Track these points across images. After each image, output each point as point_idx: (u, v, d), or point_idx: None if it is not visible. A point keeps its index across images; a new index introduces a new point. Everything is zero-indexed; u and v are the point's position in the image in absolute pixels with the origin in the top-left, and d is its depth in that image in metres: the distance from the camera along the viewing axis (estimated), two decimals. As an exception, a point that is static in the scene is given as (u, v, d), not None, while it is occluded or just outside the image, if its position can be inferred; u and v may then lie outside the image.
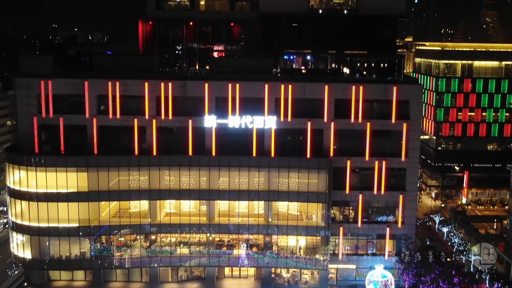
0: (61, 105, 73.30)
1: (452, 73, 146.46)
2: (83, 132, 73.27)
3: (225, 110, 72.92)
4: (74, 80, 73.10)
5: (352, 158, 74.09)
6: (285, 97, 72.84)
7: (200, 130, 73.52)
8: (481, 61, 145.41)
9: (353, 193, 74.89)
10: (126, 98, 73.38)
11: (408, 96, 73.66)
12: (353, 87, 72.88)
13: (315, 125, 73.30)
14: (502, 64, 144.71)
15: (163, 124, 73.66)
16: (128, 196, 74.13)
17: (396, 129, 73.87)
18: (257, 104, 73.05)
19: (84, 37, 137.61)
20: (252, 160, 73.34)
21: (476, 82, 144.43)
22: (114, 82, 72.61)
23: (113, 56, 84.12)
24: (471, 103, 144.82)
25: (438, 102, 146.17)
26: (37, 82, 72.53)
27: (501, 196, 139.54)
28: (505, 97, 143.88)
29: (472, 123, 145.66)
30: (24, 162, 72.31)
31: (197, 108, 73.21)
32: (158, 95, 72.96)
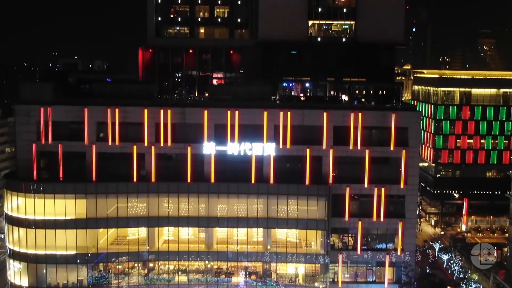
0: (61, 132, 73.38)
1: (450, 101, 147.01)
2: (82, 159, 73.23)
3: (224, 137, 73.02)
4: (73, 107, 73.28)
5: (351, 185, 73.97)
6: (284, 124, 73.01)
7: (199, 157, 73.52)
8: (479, 88, 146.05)
9: (352, 220, 74.57)
10: (126, 125, 73.50)
11: (407, 123, 73.82)
12: (352, 114, 73.08)
13: (314, 152, 73.32)
14: (500, 91, 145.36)
15: (162, 151, 73.69)
16: (126, 223, 73.83)
17: (395, 156, 73.88)
18: (256, 131, 73.16)
19: (84, 64, 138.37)
20: (251, 187, 73.22)
21: (474, 110, 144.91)
22: (114, 109, 72.80)
23: (113, 83, 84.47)
24: (470, 131, 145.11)
25: (437, 129, 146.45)
26: (36, 109, 72.71)
27: (500, 224, 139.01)
28: (504, 124, 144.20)
29: (471, 150, 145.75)
30: (23, 189, 72.16)
31: (196, 135, 73.31)
32: (157, 122, 73.11)
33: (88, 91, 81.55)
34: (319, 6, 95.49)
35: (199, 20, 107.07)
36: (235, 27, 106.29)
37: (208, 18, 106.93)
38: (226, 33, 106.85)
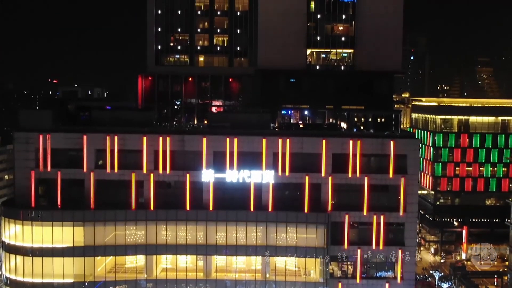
0: (59, 159, 73.33)
1: (449, 128, 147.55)
2: (81, 186, 73.08)
3: (223, 164, 73.00)
4: (72, 134, 73.37)
5: (350, 212, 73.71)
6: (283, 151, 73.07)
7: (197, 184, 73.41)
8: (478, 116, 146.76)
9: (352, 248, 74.15)
10: (124, 152, 73.51)
11: (406, 151, 73.88)
12: (351, 142, 73.19)
13: (313, 179, 73.24)
14: (498, 119, 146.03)
15: (160, 178, 73.61)
16: (124, 251, 73.38)
17: (393, 183, 73.77)
18: (255, 159, 73.16)
19: (84, 92, 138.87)
20: (250, 214, 72.97)
21: (473, 137, 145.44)
22: (113, 137, 72.91)
23: (112, 111, 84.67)
24: (469, 158, 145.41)
25: (436, 157, 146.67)
26: (36, 136, 72.78)
27: (501, 252, 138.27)
28: (502, 152, 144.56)
29: (470, 178, 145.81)
30: (20, 217, 71.85)
31: (195, 162, 73.31)
32: (156, 149, 73.16)
33: (88, 118, 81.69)
34: (318, 35, 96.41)
35: (199, 48, 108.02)
36: (234, 55, 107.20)
37: (207, 47, 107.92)
38: (225, 61, 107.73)
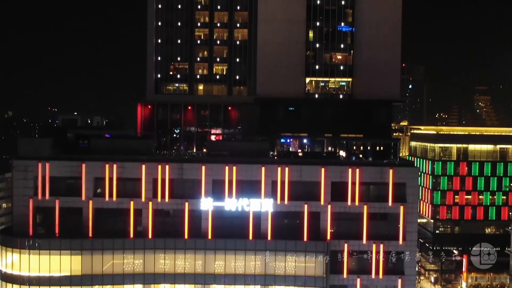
0: (58, 188, 73.12)
1: (447, 157, 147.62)
2: (79, 215, 72.73)
3: (222, 192, 72.79)
4: (71, 162, 73.26)
5: (349, 241, 73.23)
6: (282, 179, 72.93)
7: (196, 213, 73.09)
8: (476, 144, 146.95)
9: (351, 277, 73.46)
10: (123, 181, 73.34)
11: (405, 179, 73.75)
12: (350, 170, 73.11)
13: (312, 208, 72.97)
14: (497, 147, 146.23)
15: (159, 207, 73.31)
16: (122, 280, 72.64)
17: (393, 212, 73.48)
18: (254, 187, 72.97)
19: (84, 120, 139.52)
20: (249, 243, 72.49)
21: (471, 166, 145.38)
22: (111, 165, 72.82)
23: (111, 139, 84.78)
24: (468, 186, 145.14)
25: (435, 185, 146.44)
26: (34, 164, 72.67)
27: (501, 281, 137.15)
28: (501, 180, 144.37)
29: (469, 206, 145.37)
30: (17, 245, 71.30)
31: (193, 190, 73.10)
32: (155, 178, 73.01)
33: (87, 146, 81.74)
34: (316, 64, 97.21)
35: (198, 77, 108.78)
36: (234, 84, 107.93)
37: (207, 75, 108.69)
38: (224, 90, 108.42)
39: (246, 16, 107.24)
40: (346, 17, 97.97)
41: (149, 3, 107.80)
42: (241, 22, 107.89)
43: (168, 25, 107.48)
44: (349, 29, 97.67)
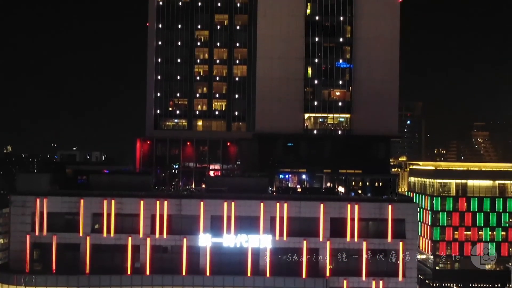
0: (55, 223, 72.83)
1: (446, 192, 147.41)
2: (76, 251, 72.27)
3: (220, 228, 72.48)
4: (69, 198, 73.17)
5: (348, 278, 72.62)
6: (281, 215, 72.73)
7: (194, 249, 72.65)
8: (475, 180, 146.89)
9: (351, 315, 72.73)
10: (121, 216, 73.11)
11: (404, 215, 73.59)
12: (349, 206, 72.99)
13: (311, 244, 72.59)
14: (496, 183, 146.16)
15: (157, 243, 72.90)
16: (119, 317, 71.80)
17: (392, 248, 73.09)
18: (253, 223, 72.71)
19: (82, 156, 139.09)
20: (247, 280, 71.84)
21: (470, 201, 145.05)
22: (110, 200, 72.70)
23: (110, 175, 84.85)
24: (467, 222, 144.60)
25: (434, 221, 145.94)
26: (32, 200, 72.54)
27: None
28: (501, 216, 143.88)
29: (469, 242, 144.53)
30: (14, 282, 70.64)
31: (192, 226, 72.81)
32: (153, 214, 72.78)
33: (85, 182, 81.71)
34: (315, 100, 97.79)
35: (197, 113, 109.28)
36: (233, 120, 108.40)
37: (206, 111, 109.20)
38: (223, 126, 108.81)
39: (245, 53, 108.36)
40: (344, 54, 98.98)
41: (149, 39, 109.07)
42: (240, 59, 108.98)
43: (168, 62, 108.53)
44: (347, 66, 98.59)
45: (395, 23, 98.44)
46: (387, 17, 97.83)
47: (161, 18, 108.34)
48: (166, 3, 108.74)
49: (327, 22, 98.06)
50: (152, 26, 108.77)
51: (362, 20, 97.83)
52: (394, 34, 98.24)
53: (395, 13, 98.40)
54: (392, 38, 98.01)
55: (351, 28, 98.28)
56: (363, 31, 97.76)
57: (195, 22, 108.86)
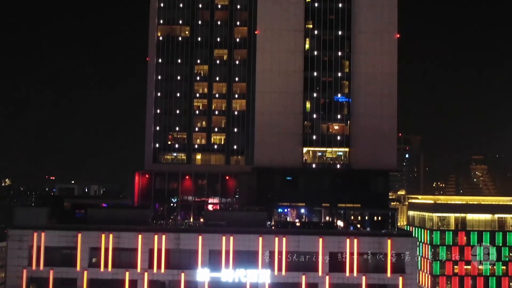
0: (53, 257, 72.52)
1: (446, 226, 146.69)
2: (73, 286, 71.83)
3: (219, 263, 72.09)
4: (67, 232, 72.96)
5: (348, 313, 72.05)
6: (279, 250, 72.43)
7: (192, 284, 72.22)
8: (474, 214, 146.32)
9: None
10: (119, 251, 72.80)
11: (403, 249, 73.32)
12: (348, 240, 72.72)
13: (310, 278, 72.13)
14: (495, 217, 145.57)
15: (155, 277, 72.40)
16: None
17: (392, 283, 72.66)
18: (251, 257, 72.36)
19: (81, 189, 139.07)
20: (246, 315, 71.19)
21: (470, 235, 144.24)
22: (108, 235, 72.46)
23: (108, 209, 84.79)
24: (467, 256, 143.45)
25: (434, 255, 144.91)
26: (29, 234, 72.28)
27: None
28: (501, 250, 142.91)
29: (469, 276, 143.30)
30: (9, 317, 69.99)
31: (190, 261, 72.46)
32: (151, 248, 72.46)
33: (83, 216, 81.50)
34: (314, 134, 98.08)
35: (196, 146, 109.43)
36: (231, 154, 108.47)
37: (205, 145, 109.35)
38: (222, 159, 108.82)
39: (244, 87, 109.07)
40: (342, 88, 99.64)
41: (149, 74, 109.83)
42: (239, 93, 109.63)
43: (168, 96, 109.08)
44: (345, 100, 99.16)
45: (393, 58, 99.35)
46: (385, 52, 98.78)
47: (161, 53, 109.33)
48: (166, 38, 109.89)
49: (326, 57, 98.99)
50: (152, 60, 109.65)
51: (360, 55, 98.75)
52: (392, 68, 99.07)
53: (393, 48, 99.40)
54: (390, 73, 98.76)
55: (349, 63, 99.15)
56: (361, 65, 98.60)
57: (194, 57, 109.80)
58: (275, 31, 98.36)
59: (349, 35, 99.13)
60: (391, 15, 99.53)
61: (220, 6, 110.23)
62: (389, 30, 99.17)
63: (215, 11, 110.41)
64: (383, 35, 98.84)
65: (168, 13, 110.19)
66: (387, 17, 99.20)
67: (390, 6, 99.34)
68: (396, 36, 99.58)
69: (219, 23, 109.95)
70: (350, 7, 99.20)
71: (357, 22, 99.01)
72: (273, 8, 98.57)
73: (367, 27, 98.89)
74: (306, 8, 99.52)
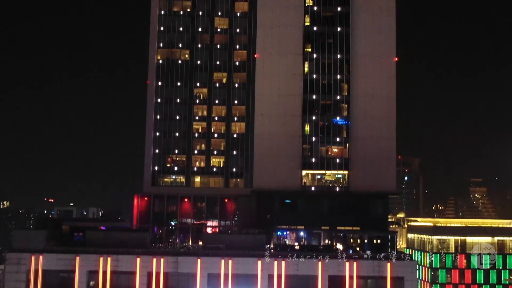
0: (50, 281, 72.17)
1: (445, 249, 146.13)
2: (71, 310, 71.24)
3: (218, 287, 71.67)
4: (65, 255, 72.65)
5: (347, 338, 71.49)
6: (279, 273, 72.07)
7: (191, 308, 71.65)
8: (474, 237, 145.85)
9: None
10: (117, 274, 72.43)
11: (403, 273, 72.98)
12: (347, 264, 72.43)
13: (309, 302, 71.65)
14: (495, 240, 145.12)
15: (153, 301, 71.88)
16: None
17: (392, 307, 72.16)
18: (250, 281, 71.99)
19: (79, 212, 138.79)
20: None
21: (470, 258, 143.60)
22: (106, 258, 72.14)
23: (106, 232, 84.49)
24: (467, 280, 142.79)
25: (434, 278, 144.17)
26: (27, 257, 71.96)
27: None
28: (501, 273, 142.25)
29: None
30: None
31: (188, 284, 72.08)
32: (150, 271, 72.11)
33: (82, 239, 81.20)
34: (313, 157, 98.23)
35: (195, 169, 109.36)
36: (230, 176, 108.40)
37: (204, 168, 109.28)
38: (221, 182, 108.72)
39: (244, 110, 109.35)
40: (341, 111, 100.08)
41: (149, 96, 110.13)
42: (238, 116, 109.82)
43: (167, 119, 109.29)
44: (344, 123, 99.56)
45: (391, 80, 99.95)
46: (384, 74, 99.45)
47: (160, 76, 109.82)
48: (166, 61, 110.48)
49: (324, 80, 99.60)
50: (151, 83, 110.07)
51: (359, 78, 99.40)
52: (390, 91, 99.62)
53: (391, 71, 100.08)
54: (388, 96, 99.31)
55: (348, 86, 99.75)
56: (360, 88, 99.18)
57: (194, 80, 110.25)
58: (274, 55, 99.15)
59: (347, 58, 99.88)
60: (389, 38, 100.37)
61: (220, 30, 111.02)
62: (388, 53, 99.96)
63: (214, 35, 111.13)
64: (381, 58, 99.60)
65: (168, 37, 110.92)
66: (385, 40, 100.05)
67: (388, 29, 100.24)
68: (395, 59, 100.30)
69: (219, 47, 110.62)
70: (349, 31, 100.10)
71: (356, 46, 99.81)
72: (272, 32, 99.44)
73: (365, 50, 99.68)
74: (305, 32, 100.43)
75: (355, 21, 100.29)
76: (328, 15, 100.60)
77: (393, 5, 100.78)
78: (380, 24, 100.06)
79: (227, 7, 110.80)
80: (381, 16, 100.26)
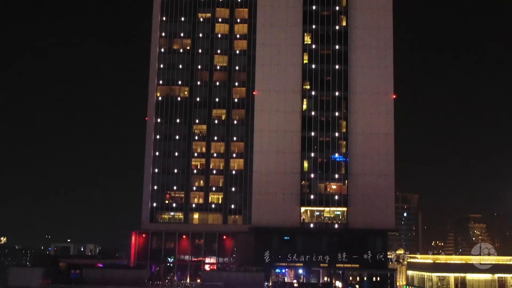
0: (47, 320, 71.21)
1: (445, 286, 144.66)
2: None
3: (216, 325, 70.87)
4: (62, 293, 71.88)
5: None
6: (277, 312, 71.33)
7: None
8: (474, 274, 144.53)
9: None
10: (114, 313, 71.58)
11: (403, 312, 72.25)
12: (346, 302, 71.77)
13: None
14: (495, 276, 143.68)
15: None
16: None
17: None
18: (249, 320, 71.22)
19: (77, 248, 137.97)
20: None
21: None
22: (103, 296, 71.38)
23: (103, 269, 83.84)
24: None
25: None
26: (24, 296, 71.19)
27: None
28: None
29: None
30: None
31: (186, 323, 71.19)
32: (147, 310, 71.32)
33: (78, 276, 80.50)
34: (311, 194, 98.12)
35: (194, 206, 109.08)
36: (229, 213, 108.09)
37: (202, 204, 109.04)
38: (219, 219, 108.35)
39: (242, 146, 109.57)
40: (340, 148, 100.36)
41: (148, 133, 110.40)
42: (237, 152, 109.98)
43: (166, 155, 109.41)
44: (343, 160, 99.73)
45: (390, 117, 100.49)
46: (382, 112, 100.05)
47: (160, 112, 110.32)
48: (165, 98, 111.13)
49: (323, 117, 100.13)
50: (151, 120, 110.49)
51: (357, 115, 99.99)
52: (388, 128, 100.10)
53: (389, 108, 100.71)
54: (387, 133, 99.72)
55: (347, 123, 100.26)
56: (359, 125, 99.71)
57: (193, 116, 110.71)
58: (273, 92, 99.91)
59: (346, 95, 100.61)
60: (387, 76, 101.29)
61: (219, 67, 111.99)
62: (386, 90, 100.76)
63: (214, 72, 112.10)
64: (379, 95, 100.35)
65: (168, 74, 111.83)
66: (383, 78, 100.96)
67: (386, 67, 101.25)
68: (393, 96, 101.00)
69: (218, 84, 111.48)
70: (347, 69, 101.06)
71: (354, 83, 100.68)
72: (270, 70, 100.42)
73: (363, 88, 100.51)
74: (304, 70, 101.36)
75: (353, 58, 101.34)
76: (326, 53, 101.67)
77: (390, 43, 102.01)
78: (378, 62, 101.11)
79: (226, 45, 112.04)
80: (379, 54, 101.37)
